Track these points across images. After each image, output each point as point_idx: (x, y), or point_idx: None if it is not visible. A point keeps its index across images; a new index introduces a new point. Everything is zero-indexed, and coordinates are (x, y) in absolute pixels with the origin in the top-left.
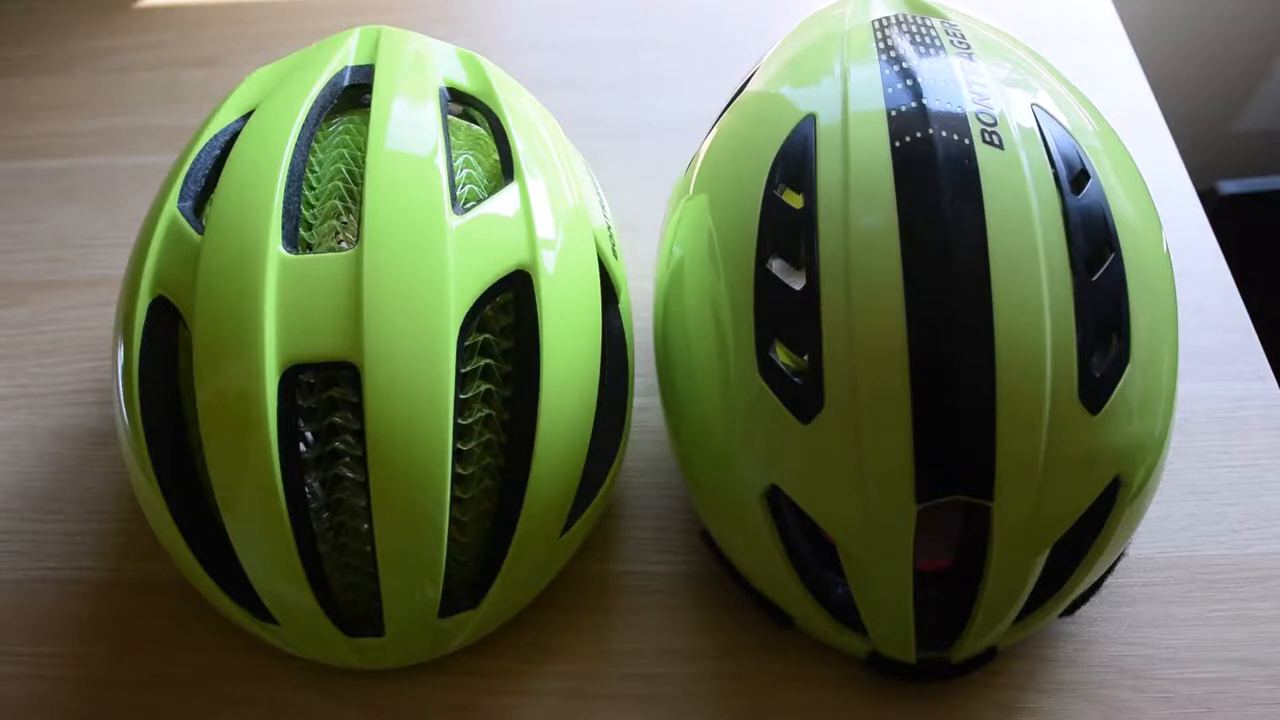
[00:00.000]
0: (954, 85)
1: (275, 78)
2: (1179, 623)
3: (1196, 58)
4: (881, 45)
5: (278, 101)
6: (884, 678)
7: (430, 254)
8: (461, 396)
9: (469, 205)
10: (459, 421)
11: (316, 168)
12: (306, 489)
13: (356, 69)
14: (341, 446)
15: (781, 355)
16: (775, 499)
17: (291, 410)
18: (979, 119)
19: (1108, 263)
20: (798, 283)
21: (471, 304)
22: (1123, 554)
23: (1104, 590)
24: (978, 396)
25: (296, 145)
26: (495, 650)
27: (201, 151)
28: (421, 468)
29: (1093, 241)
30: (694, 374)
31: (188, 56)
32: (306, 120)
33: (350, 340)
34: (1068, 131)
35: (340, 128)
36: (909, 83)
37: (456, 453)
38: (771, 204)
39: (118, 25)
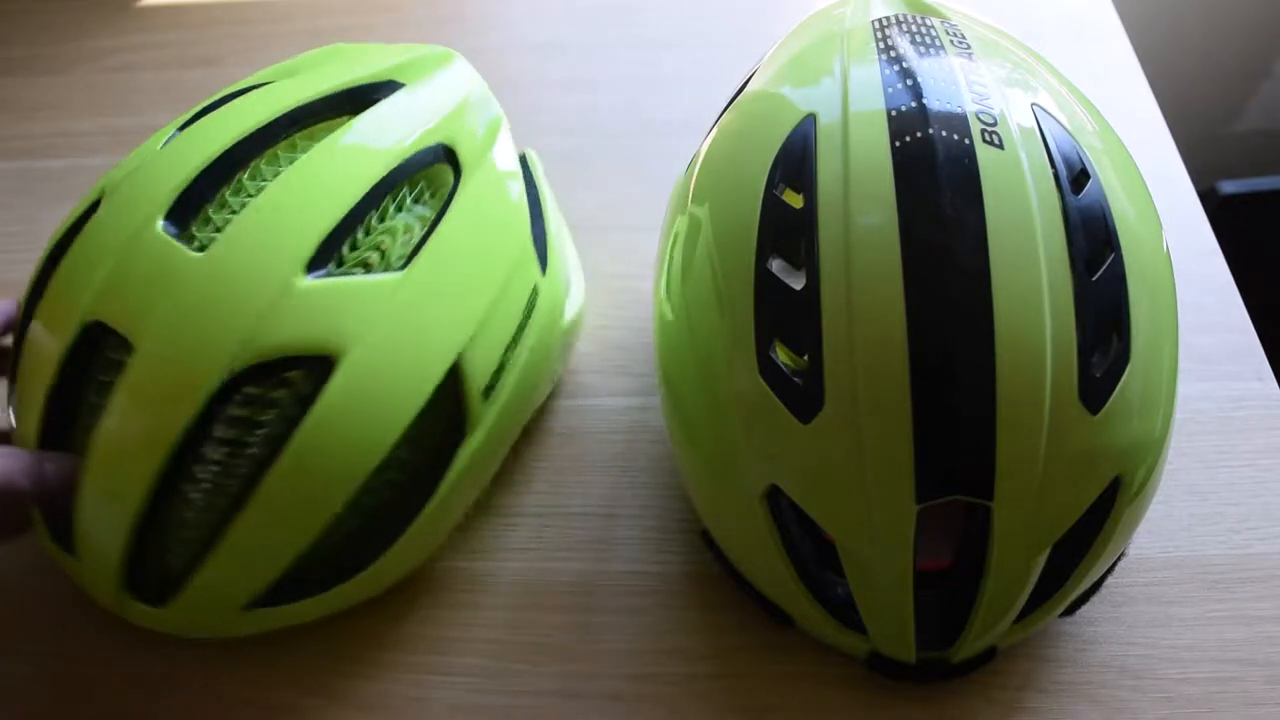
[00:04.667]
0: (954, 85)
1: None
2: (1179, 623)
3: (1196, 58)
4: (881, 45)
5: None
6: (884, 677)
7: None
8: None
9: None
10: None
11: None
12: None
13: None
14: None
15: (781, 355)
16: (775, 499)
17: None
18: (979, 119)
19: (1108, 263)
20: (798, 283)
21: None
22: (1123, 554)
23: (1104, 590)
24: (978, 396)
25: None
26: (495, 650)
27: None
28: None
29: (1093, 241)
30: (694, 374)
31: (188, 56)
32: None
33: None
34: (1068, 131)
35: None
36: (909, 83)
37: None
38: (771, 204)
39: (118, 25)
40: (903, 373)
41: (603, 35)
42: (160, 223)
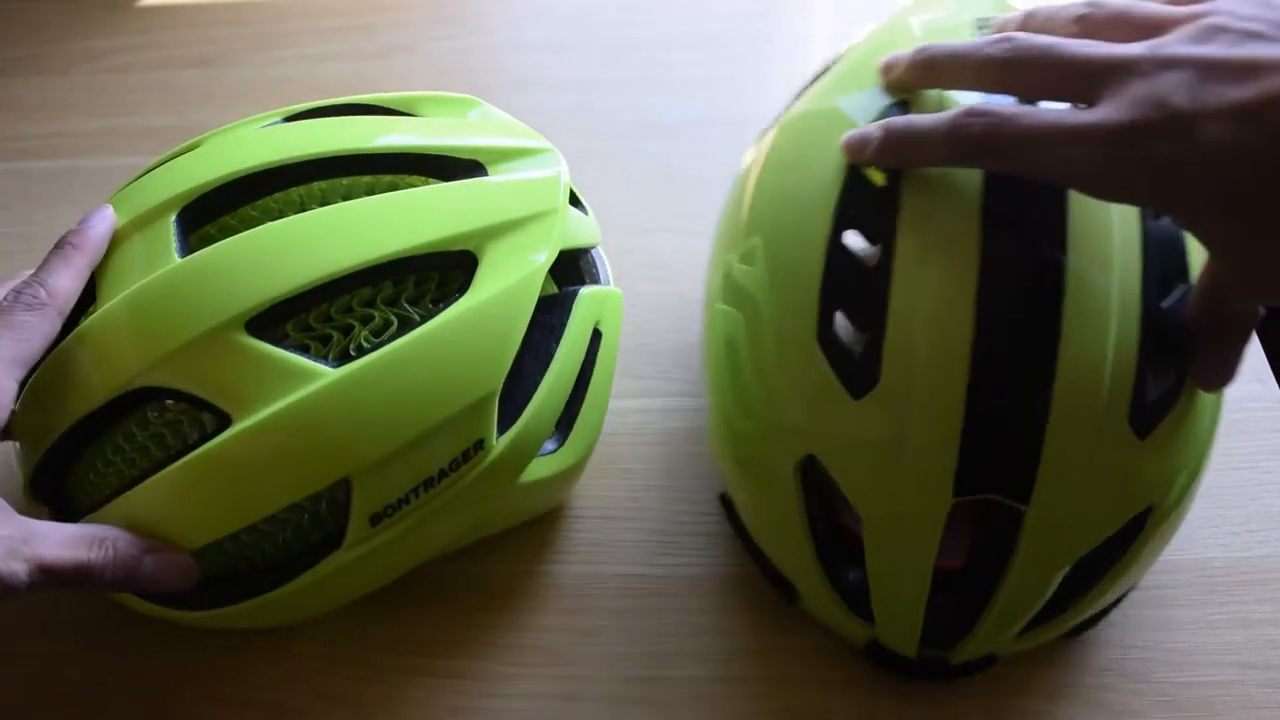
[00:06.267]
0: None
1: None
2: (1179, 626)
3: None
4: None
5: None
6: (880, 670)
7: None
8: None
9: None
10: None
11: None
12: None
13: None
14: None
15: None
16: (809, 470)
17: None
18: None
19: (1178, 292)
20: (871, 259)
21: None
22: (1133, 587)
23: None
24: (1033, 400)
25: None
26: (494, 653)
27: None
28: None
29: (1167, 269)
30: (753, 334)
31: (188, 56)
32: None
33: None
34: None
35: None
36: None
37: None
38: (854, 177)
39: (118, 25)
40: (963, 364)
41: (603, 35)
42: (172, 217)
